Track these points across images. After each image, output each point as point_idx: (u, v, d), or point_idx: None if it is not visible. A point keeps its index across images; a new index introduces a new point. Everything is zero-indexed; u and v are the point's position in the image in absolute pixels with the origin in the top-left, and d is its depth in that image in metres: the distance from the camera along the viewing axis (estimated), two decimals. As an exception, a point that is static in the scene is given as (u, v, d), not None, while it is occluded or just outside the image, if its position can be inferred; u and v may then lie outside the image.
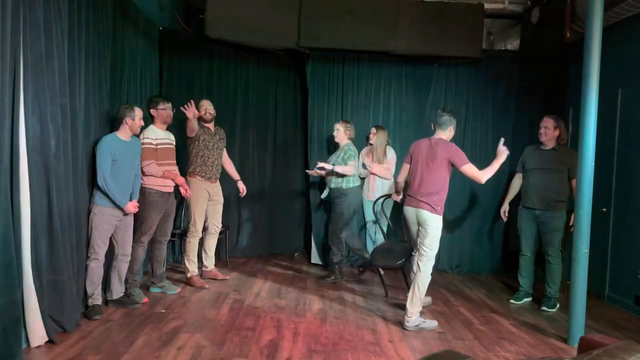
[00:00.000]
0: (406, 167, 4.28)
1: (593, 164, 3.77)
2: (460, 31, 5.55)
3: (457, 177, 6.05)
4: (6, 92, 2.90)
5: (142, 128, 4.41)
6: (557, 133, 4.75)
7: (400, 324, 4.08)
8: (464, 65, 6.02)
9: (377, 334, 3.88)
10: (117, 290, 4.26)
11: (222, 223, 5.41)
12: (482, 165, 6.08)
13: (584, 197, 3.79)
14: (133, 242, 4.43)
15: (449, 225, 5.98)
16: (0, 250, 2.85)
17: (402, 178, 4.39)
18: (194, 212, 5.02)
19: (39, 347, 3.28)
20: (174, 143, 4.76)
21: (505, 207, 5.20)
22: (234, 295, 4.73)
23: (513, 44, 6.64)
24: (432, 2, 5.60)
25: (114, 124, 4.43)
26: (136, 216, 4.39)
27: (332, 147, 6.03)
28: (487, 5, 5.76)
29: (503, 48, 6.82)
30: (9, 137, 2.98)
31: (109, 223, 4.06)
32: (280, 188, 6.41)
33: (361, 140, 6.09)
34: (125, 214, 4.18)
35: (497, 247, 6.11)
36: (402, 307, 4.18)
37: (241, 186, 5.41)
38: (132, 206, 4.18)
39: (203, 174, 5.03)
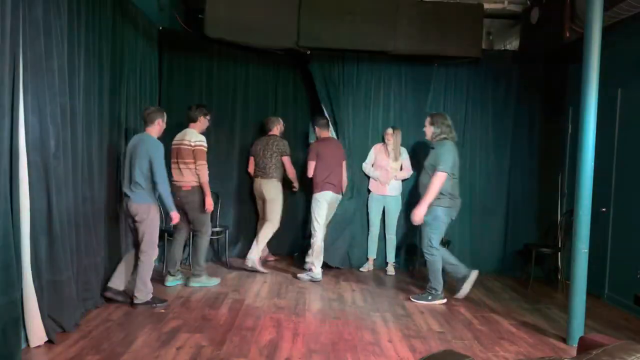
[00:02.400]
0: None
1: (593, 164, 3.77)
2: (460, 31, 5.54)
3: (459, 177, 6.08)
4: (5, 92, 2.90)
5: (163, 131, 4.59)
6: (432, 129, 4.77)
7: (400, 324, 4.08)
8: (464, 65, 6.02)
9: (377, 334, 3.88)
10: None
11: (221, 224, 5.64)
12: (482, 166, 6.12)
13: (584, 197, 3.79)
14: (197, 236, 4.94)
15: (449, 225, 5.97)
16: (-1, 250, 2.85)
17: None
18: (279, 209, 5.67)
19: (38, 347, 3.28)
20: None
21: None
22: (234, 295, 4.72)
23: (513, 44, 6.65)
24: (431, 2, 5.60)
25: (113, 123, 4.44)
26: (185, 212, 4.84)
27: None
28: (486, 5, 5.76)
29: (503, 48, 6.83)
30: (9, 137, 2.98)
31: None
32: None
33: (360, 140, 6.09)
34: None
35: (497, 246, 6.11)
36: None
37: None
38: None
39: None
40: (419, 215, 4.61)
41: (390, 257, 5.92)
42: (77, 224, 3.75)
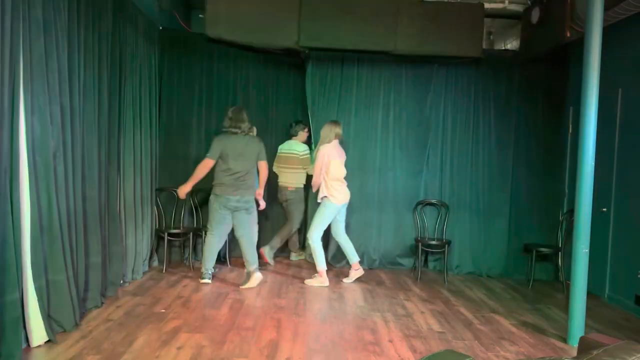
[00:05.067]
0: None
1: (593, 164, 3.77)
2: (461, 31, 5.55)
3: (460, 178, 6.09)
4: (6, 92, 2.90)
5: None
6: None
7: (400, 323, 4.09)
8: (464, 65, 6.02)
9: (377, 334, 3.88)
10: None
11: None
12: (484, 166, 6.11)
13: (584, 197, 3.79)
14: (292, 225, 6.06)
15: (450, 226, 5.98)
16: (-1, 250, 2.85)
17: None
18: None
19: (38, 346, 3.28)
20: None
21: None
22: (234, 295, 4.73)
23: (513, 44, 6.64)
24: (432, 2, 5.60)
25: (113, 123, 4.45)
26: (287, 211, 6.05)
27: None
28: (487, 5, 5.76)
29: (503, 48, 6.82)
30: (9, 137, 2.98)
31: None
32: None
33: (361, 140, 6.09)
34: None
35: (498, 247, 6.09)
36: None
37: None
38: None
39: None
40: (181, 192, 5.08)
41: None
42: (77, 224, 3.75)
